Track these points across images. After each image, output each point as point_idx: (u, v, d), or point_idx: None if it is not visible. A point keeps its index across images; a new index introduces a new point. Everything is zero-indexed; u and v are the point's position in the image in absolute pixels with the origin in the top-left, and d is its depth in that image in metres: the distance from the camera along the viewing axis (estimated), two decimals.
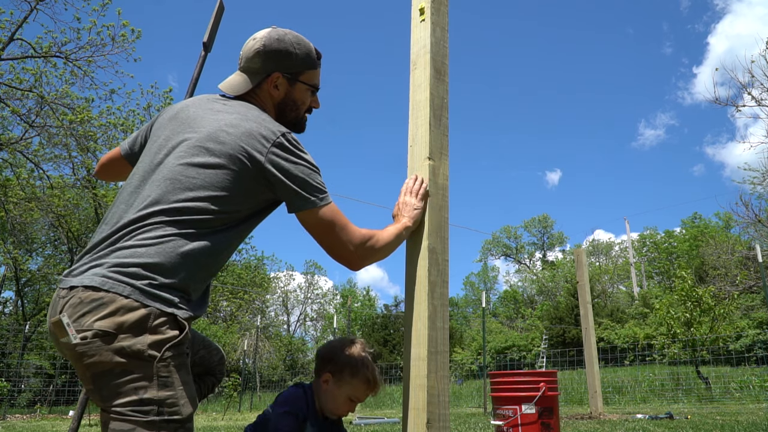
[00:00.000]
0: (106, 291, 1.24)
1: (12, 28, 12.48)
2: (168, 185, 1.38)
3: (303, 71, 1.64)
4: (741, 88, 12.91)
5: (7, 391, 12.97)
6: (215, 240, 1.39)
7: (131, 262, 1.28)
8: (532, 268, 48.94)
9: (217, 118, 1.48)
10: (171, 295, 1.30)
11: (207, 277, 1.42)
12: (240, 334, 22.71)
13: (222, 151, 1.41)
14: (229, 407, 13.97)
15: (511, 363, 25.78)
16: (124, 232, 1.33)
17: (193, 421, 1.30)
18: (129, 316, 1.23)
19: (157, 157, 1.46)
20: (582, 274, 8.22)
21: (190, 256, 1.33)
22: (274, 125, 1.49)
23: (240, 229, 1.47)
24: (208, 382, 1.80)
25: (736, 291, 16.00)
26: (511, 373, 3.27)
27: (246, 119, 1.47)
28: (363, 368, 1.83)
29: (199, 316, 1.44)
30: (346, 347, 1.88)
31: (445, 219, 1.77)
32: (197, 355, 1.72)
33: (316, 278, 41.87)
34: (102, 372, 1.22)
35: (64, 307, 1.26)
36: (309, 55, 1.65)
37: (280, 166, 1.43)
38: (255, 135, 1.43)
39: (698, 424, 5.83)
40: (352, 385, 1.83)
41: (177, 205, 1.35)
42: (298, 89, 1.65)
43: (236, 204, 1.42)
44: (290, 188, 1.45)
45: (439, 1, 1.92)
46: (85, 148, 13.53)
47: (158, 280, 1.28)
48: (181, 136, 1.47)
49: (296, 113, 1.68)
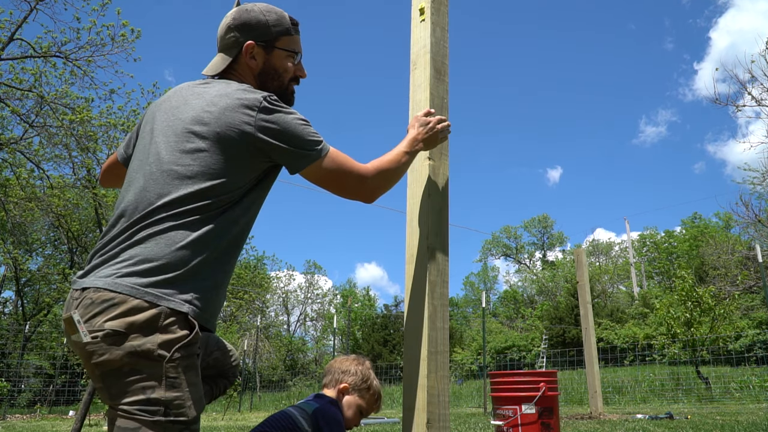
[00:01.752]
0: (118, 292, 1.25)
1: (12, 28, 12.48)
2: (165, 178, 1.37)
3: (278, 38, 1.61)
4: (741, 87, 12.90)
5: (7, 391, 12.97)
6: (221, 221, 1.37)
7: (140, 260, 1.28)
8: (532, 268, 48.95)
9: (199, 101, 1.47)
10: (181, 293, 1.29)
11: (222, 263, 1.39)
12: (240, 335, 22.70)
13: (209, 131, 1.39)
14: (229, 407, 13.98)
15: (511, 363, 25.78)
16: (131, 232, 1.33)
17: (199, 423, 1.30)
18: (139, 316, 1.23)
19: (149, 151, 1.46)
20: (582, 274, 8.23)
21: (197, 244, 1.32)
22: (254, 92, 1.46)
23: (245, 203, 1.44)
24: (221, 385, 1.79)
25: (736, 291, 16.01)
26: (511, 373, 3.26)
27: (225, 95, 1.44)
28: (375, 383, 1.97)
29: (215, 315, 1.41)
30: (360, 363, 1.99)
31: (445, 219, 1.77)
32: (211, 357, 1.71)
33: (316, 278, 41.91)
34: (111, 371, 1.23)
35: (77, 308, 1.27)
36: (281, 21, 1.62)
37: (270, 130, 1.41)
38: (237, 108, 1.41)
39: (698, 424, 5.83)
40: (365, 398, 1.93)
41: (177, 196, 1.34)
42: (276, 56, 1.61)
43: (236, 181, 1.40)
44: (287, 150, 1.43)
45: (439, 1, 1.92)
46: (85, 148, 13.53)
47: (168, 278, 1.28)
48: (167, 126, 1.46)
49: (279, 82, 1.62)
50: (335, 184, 1.53)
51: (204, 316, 1.35)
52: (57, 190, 14.32)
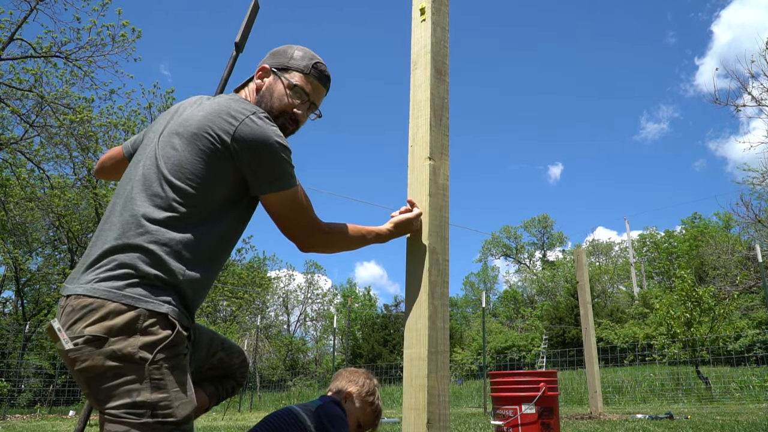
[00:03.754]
0: (96, 297, 1.25)
1: (12, 28, 12.49)
2: (147, 178, 1.39)
3: (290, 69, 1.62)
4: (741, 87, 12.90)
5: (7, 391, 12.97)
6: (196, 230, 1.37)
7: (118, 265, 1.29)
8: (532, 268, 48.96)
9: (195, 108, 1.49)
10: (160, 294, 1.29)
11: (200, 269, 1.38)
12: (240, 335, 22.69)
13: (188, 132, 1.40)
14: (229, 407, 13.97)
15: (511, 363, 25.79)
16: (113, 235, 1.33)
17: (191, 423, 1.29)
18: (118, 320, 1.23)
19: (145, 151, 1.48)
20: (582, 274, 8.23)
21: (173, 248, 1.32)
22: (246, 105, 1.45)
23: (222, 218, 1.43)
24: (227, 386, 1.79)
25: (736, 291, 16.01)
26: (511, 373, 3.27)
27: (219, 104, 1.45)
28: (379, 401, 2.01)
29: (193, 314, 1.41)
30: (369, 377, 2.04)
31: (445, 219, 1.77)
32: (215, 357, 1.71)
33: (316, 278, 41.90)
34: (95, 376, 1.23)
35: (60, 315, 1.29)
36: (303, 60, 1.63)
37: (247, 143, 1.38)
38: (222, 114, 1.40)
39: (698, 424, 5.83)
40: (366, 411, 1.96)
41: (156, 200, 1.35)
42: (280, 83, 1.61)
43: (211, 186, 1.39)
44: (256, 170, 1.41)
45: (440, 1, 1.92)
46: (85, 147, 13.54)
47: (146, 280, 1.28)
48: (165, 129, 1.49)
49: (270, 105, 1.59)
50: (286, 221, 1.50)
51: (184, 314, 1.34)
52: (57, 190, 14.33)
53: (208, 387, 1.74)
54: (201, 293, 1.41)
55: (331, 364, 20.73)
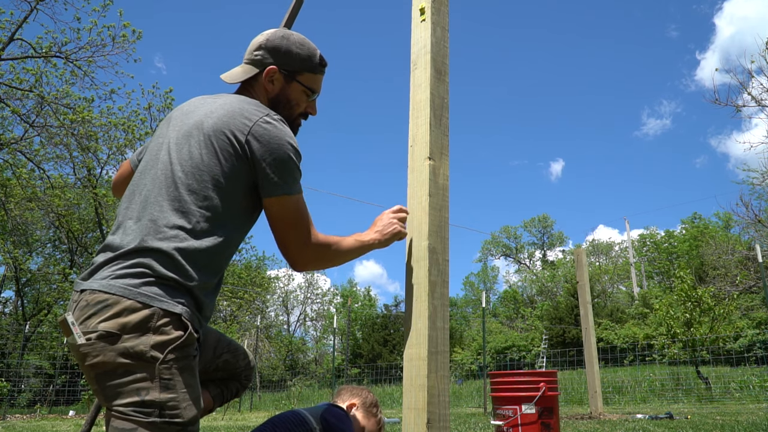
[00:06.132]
0: (111, 293, 1.26)
1: (12, 28, 12.49)
2: (163, 182, 1.39)
3: (302, 72, 1.62)
4: (741, 87, 12.90)
5: (7, 391, 12.98)
6: (215, 237, 1.37)
7: (135, 264, 1.29)
8: (532, 268, 48.96)
9: (206, 108, 1.49)
10: (176, 295, 1.30)
11: (213, 275, 1.39)
12: (240, 334, 22.70)
13: (204, 134, 1.40)
14: (229, 407, 13.98)
15: (511, 363, 25.80)
16: (129, 239, 1.33)
17: (197, 424, 1.30)
18: (132, 317, 1.24)
19: (155, 155, 1.48)
20: (582, 274, 8.23)
21: (192, 255, 1.33)
22: (261, 108, 1.46)
23: (237, 224, 1.44)
24: (232, 387, 1.79)
25: (736, 291, 16.02)
26: (511, 373, 3.27)
27: (231, 104, 1.46)
28: (382, 415, 2.11)
29: (208, 317, 1.42)
30: (369, 392, 2.15)
31: (445, 219, 1.77)
32: (221, 359, 1.71)
33: (316, 278, 41.90)
34: (105, 372, 1.23)
35: (74, 310, 1.29)
36: (311, 58, 1.64)
37: (260, 144, 1.39)
38: (237, 115, 1.41)
39: (698, 424, 5.83)
40: (370, 421, 2.04)
41: (175, 205, 1.35)
42: (293, 88, 1.62)
43: (229, 190, 1.40)
44: (265, 170, 1.41)
45: (440, 1, 1.92)
46: (85, 148, 13.55)
47: (162, 280, 1.29)
48: (174, 132, 1.48)
49: (289, 112, 1.63)
50: (284, 228, 1.48)
51: (197, 317, 1.35)
52: (57, 190, 14.34)
53: (213, 388, 1.75)
54: (212, 298, 1.42)
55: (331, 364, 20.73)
